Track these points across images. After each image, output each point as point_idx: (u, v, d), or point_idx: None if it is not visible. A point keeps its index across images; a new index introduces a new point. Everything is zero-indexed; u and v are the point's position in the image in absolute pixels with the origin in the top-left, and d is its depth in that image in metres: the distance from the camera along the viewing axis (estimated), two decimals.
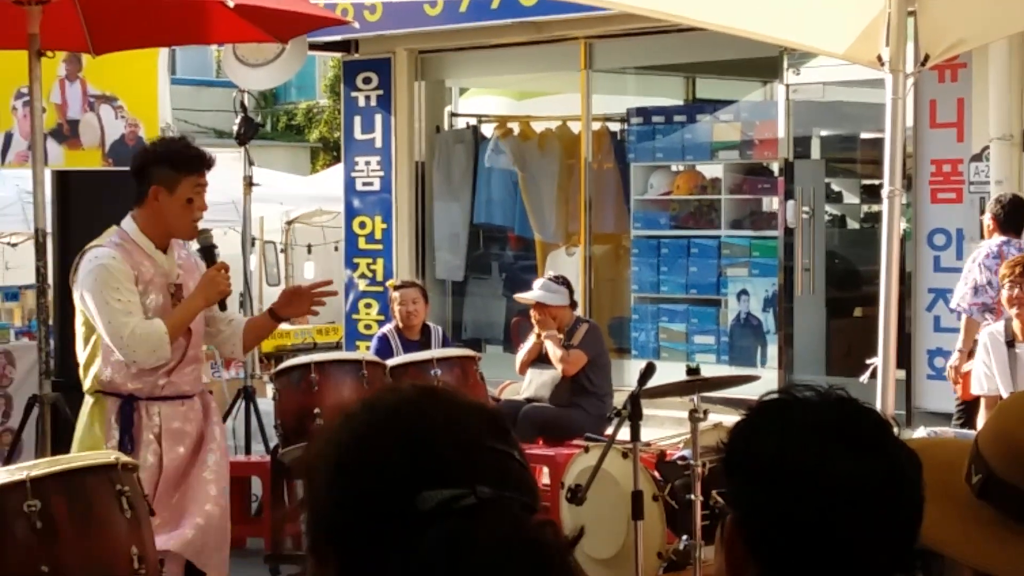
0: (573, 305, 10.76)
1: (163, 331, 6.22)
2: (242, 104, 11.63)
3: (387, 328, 10.88)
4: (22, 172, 13.46)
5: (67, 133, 10.31)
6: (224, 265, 6.44)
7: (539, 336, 10.56)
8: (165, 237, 6.44)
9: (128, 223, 6.43)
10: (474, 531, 1.67)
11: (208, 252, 6.52)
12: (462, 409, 1.83)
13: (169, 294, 6.39)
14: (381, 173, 15.17)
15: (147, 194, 6.41)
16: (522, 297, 11.04)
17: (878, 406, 5.16)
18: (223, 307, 6.51)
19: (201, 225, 6.53)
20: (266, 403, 9.82)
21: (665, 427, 10.73)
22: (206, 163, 6.41)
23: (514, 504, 1.73)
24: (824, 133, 14.43)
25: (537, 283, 10.81)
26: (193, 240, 6.68)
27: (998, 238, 10.17)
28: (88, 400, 6.44)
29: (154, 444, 6.34)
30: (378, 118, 15.15)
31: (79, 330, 6.47)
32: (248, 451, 11.03)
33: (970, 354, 9.62)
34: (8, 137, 10.13)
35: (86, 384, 6.42)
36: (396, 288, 11.01)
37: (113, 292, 6.22)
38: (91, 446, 6.25)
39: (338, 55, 15.75)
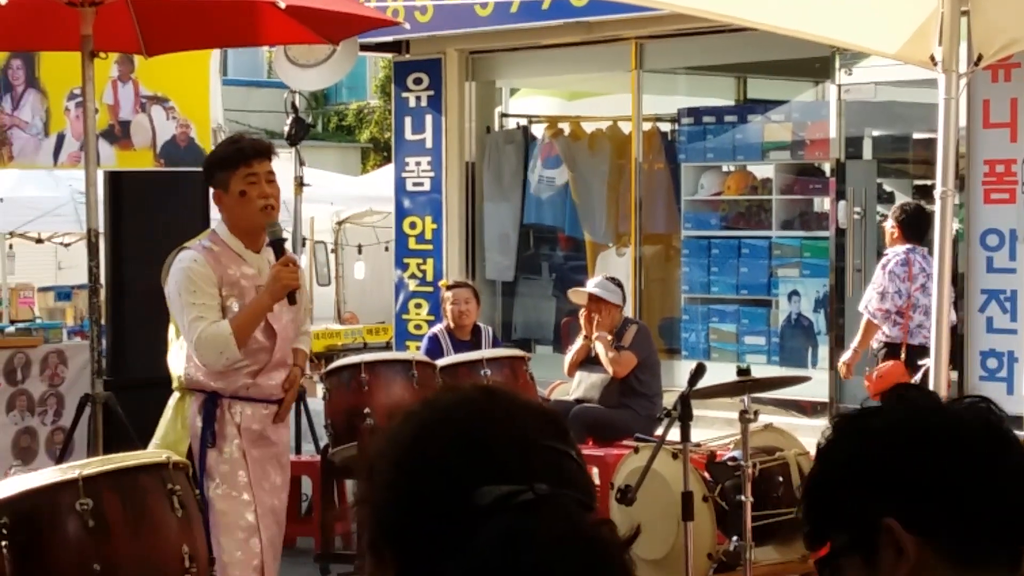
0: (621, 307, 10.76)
1: (228, 333, 6.23)
2: (293, 105, 11.68)
3: (438, 328, 10.90)
4: (75, 173, 13.55)
5: (118, 134, 10.37)
6: (290, 259, 6.41)
7: (587, 338, 10.56)
8: (246, 235, 6.46)
9: (219, 225, 6.49)
10: (531, 527, 1.67)
11: (276, 245, 6.51)
12: (520, 408, 1.83)
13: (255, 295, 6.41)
14: (431, 173, 15.19)
15: (213, 200, 6.50)
16: (577, 290, 11.05)
17: None
18: (292, 300, 6.45)
19: None
20: (316, 403, 9.85)
21: (715, 428, 10.71)
22: (252, 152, 6.42)
23: (571, 501, 1.73)
24: (876, 133, 14.36)
25: (592, 280, 10.84)
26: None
27: (904, 245, 10.68)
28: (175, 395, 6.53)
29: (237, 439, 6.38)
30: (428, 118, 15.16)
31: (171, 328, 6.56)
32: (298, 451, 11.06)
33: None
34: (60, 138, 10.20)
35: (174, 380, 6.49)
36: (449, 288, 11.03)
37: (190, 296, 6.26)
38: (174, 440, 6.33)
39: (389, 56, 15.77)
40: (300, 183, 11.42)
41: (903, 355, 10.40)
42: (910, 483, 2.08)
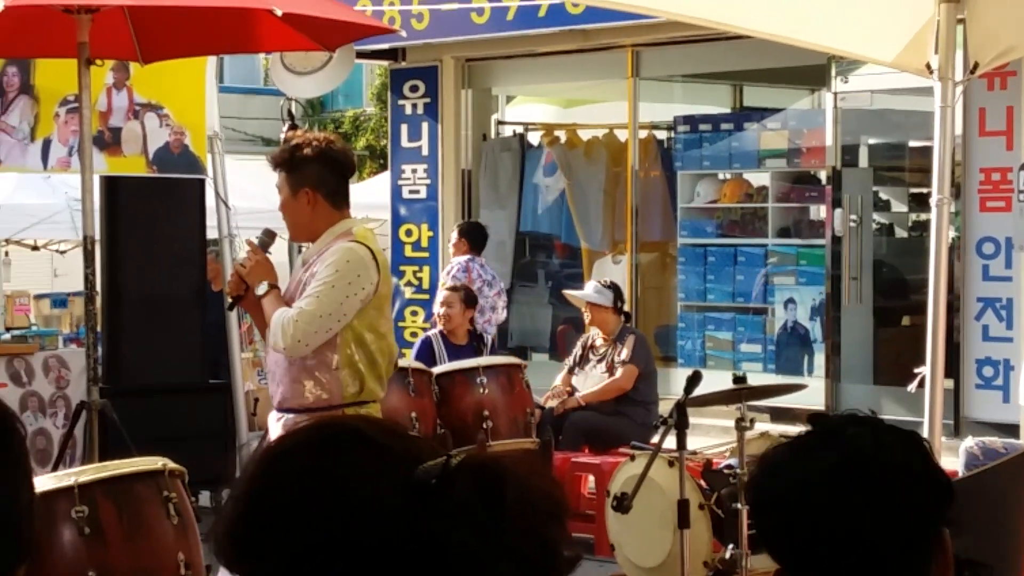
0: (627, 316, 10.74)
1: None
2: (289, 112, 11.69)
3: (432, 332, 10.89)
4: (71, 180, 13.54)
5: (108, 140, 10.35)
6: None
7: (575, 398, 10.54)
8: None
9: None
10: (495, 468, 1.69)
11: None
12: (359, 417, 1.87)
13: None
14: (428, 181, 15.19)
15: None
16: (570, 294, 11.09)
17: (926, 415, 5.13)
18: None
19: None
20: None
21: (711, 436, 10.69)
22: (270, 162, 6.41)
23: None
24: (872, 141, 14.37)
25: (588, 285, 10.86)
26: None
27: (464, 256, 12.56)
28: None
29: None
30: (425, 126, 15.16)
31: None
32: None
33: None
34: (47, 143, 10.19)
35: None
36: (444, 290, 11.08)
37: None
38: None
39: (385, 63, 15.78)
40: None
41: None
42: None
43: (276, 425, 6.20)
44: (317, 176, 6.11)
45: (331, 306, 5.93)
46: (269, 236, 6.67)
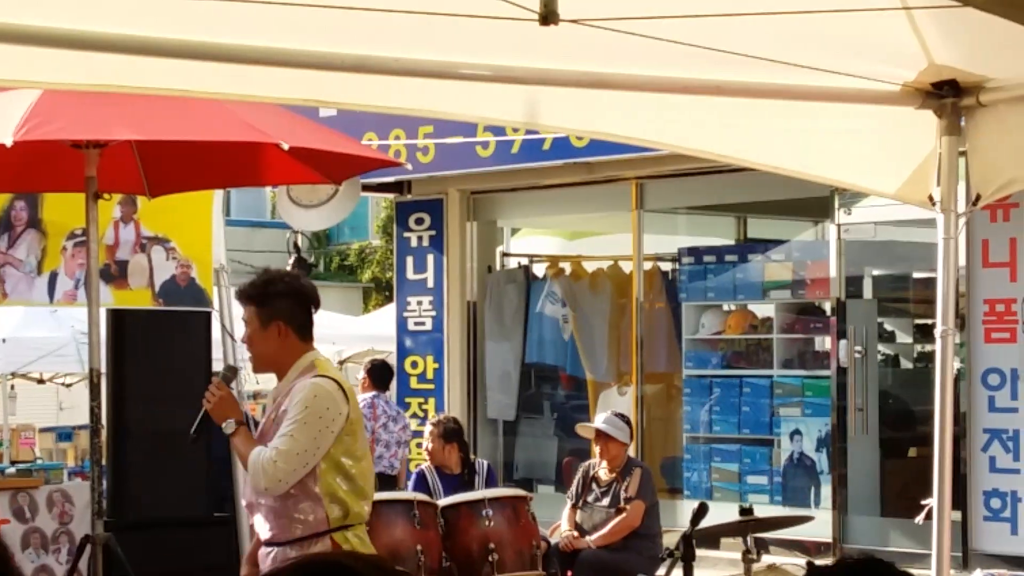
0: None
1: None
2: (295, 245, 11.75)
3: (426, 464, 10.85)
4: (77, 313, 13.55)
5: (115, 273, 10.38)
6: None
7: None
8: None
9: None
10: None
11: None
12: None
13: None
14: (433, 313, 15.21)
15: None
16: (585, 425, 11.04)
17: (934, 548, 5.10)
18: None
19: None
20: None
21: (719, 569, 10.63)
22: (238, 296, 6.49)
23: None
24: (876, 272, 14.41)
25: (600, 416, 10.81)
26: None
27: (371, 392, 13.39)
28: None
29: None
30: (430, 258, 15.22)
31: None
32: None
33: None
34: (54, 276, 10.22)
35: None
36: None
37: None
38: None
39: (391, 196, 15.87)
40: None
41: None
42: None
43: (267, 560, 6.22)
44: (289, 310, 6.27)
45: (306, 443, 6.03)
46: (231, 371, 6.77)
